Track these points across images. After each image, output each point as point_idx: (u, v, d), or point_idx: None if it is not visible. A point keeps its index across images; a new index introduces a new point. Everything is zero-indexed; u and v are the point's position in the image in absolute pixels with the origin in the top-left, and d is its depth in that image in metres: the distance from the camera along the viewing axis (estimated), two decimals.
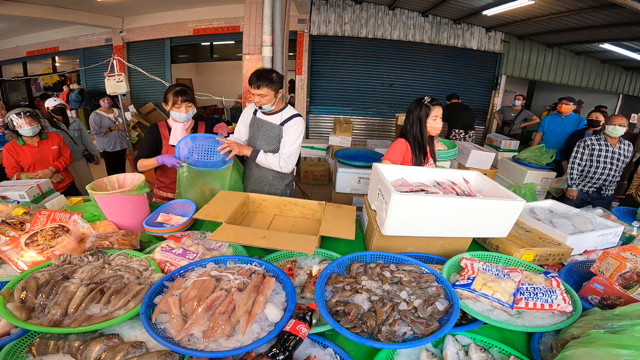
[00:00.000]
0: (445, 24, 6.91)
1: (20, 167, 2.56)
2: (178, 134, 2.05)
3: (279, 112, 2.05)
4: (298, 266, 1.28)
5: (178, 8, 7.04)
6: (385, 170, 1.58)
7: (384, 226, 1.30)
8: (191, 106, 2.02)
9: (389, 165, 1.64)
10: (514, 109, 5.67)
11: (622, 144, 2.98)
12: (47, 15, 6.19)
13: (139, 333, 0.92)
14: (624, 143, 2.99)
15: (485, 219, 1.31)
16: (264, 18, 2.82)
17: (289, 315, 0.92)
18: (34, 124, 2.50)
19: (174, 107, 1.96)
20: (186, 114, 1.99)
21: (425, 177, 1.64)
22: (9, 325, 0.91)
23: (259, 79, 1.86)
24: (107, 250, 1.26)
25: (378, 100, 7.39)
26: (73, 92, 7.32)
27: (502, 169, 4.15)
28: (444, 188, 1.50)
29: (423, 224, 1.30)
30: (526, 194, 2.48)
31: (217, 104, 10.15)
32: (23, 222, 1.41)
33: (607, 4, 4.18)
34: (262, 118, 2.08)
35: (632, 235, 1.74)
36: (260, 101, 1.93)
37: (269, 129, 2.06)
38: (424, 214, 1.26)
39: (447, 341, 0.92)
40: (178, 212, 1.74)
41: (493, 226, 1.34)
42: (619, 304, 1.07)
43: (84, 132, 3.83)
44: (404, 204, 1.23)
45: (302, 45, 6.80)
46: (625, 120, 2.90)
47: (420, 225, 1.30)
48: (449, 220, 1.30)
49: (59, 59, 9.07)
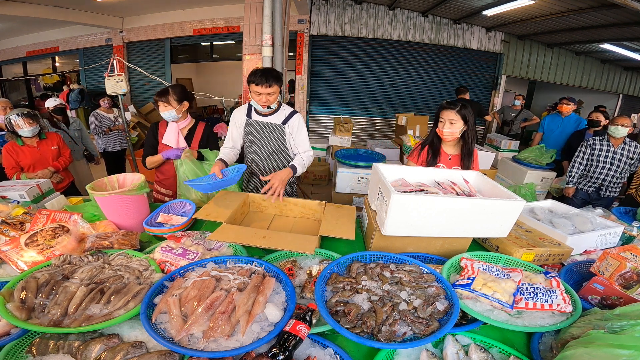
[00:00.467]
0: (445, 24, 6.90)
1: (19, 167, 2.56)
2: (171, 133, 2.13)
3: (277, 111, 2.02)
4: (298, 266, 1.28)
5: (178, 8, 7.04)
6: (385, 170, 1.58)
7: (384, 226, 1.30)
8: (168, 106, 2.02)
9: (388, 165, 1.64)
10: (513, 109, 5.67)
11: (628, 145, 2.91)
12: (47, 15, 6.19)
13: (139, 333, 0.92)
14: (630, 144, 2.91)
15: (485, 219, 1.31)
16: (264, 18, 2.82)
17: (289, 315, 0.92)
18: (32, 125, 2.50)
19: (158, 107, 2.06)
20: (165, 113, 2.03)
21: (426, 177, 1.64)
22: (9, 325, 0.91)
23: (268, 77, 1.80)
24: (107, 250, 1.26)
25: (378, 100, 7.39)
26: (73, 92, 7.32)
27: (502, 169, 4.15)
28: (444, 188, 1.50)
29: (423, 224, 1.29)
30: (526, 194, 2.48)
31: (217, 104, 10.15)
32: (23, 222, 1.41)
33: (607, 4, 4.18)
34: (261, 120, 2.02)
35: (632, 235, 1.74)
36: (269, 100, 1.87)
37: (269, 129, 2.02)
38: (424, 214, 1.26)
39: (447, 341, 0.92)
40: (178, 212, 1.74)
41: (493, 226, 1.33)
42: (619, 304, 1.07)
43: (84, 132, 3.83)
44: (404, 204, 1.23)
45: (302, 45, 6.80)
46: (629, 120, 2.85)
47: (420, 226, 1.30)
48: (449, 220, 1.30)
49: (59, 59, 9.08)
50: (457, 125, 1.82)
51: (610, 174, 2.98)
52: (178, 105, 2.06)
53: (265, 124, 2.02)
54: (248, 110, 2.05)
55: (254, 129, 2.04)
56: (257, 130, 2.03)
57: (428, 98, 7.36)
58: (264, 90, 1.82)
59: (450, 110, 1.81)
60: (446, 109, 1.83)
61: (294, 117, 2.02)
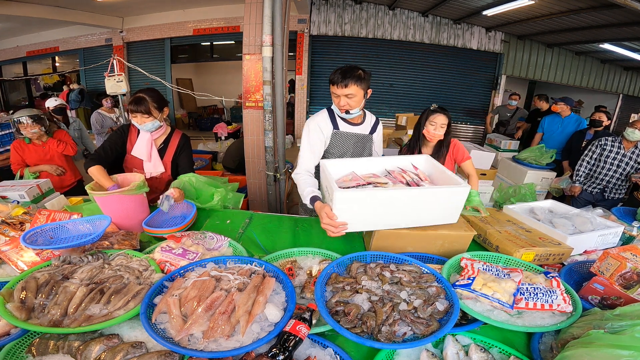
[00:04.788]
0: (445, 24, 6.91)
1: (25, 164, 2.60)
2: (142, 145, 1.83)
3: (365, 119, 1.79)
4: (298, 266, 1.28)
5: (178, 8, 7.05)
6: (332, 166, 1.50)
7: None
8: (149, 117, 1.74)
9: (336, 160, 1.56)
10: (509, 109, 5.63)
11: (639, 150, 2.85)
12: (47, 15, 6.19)
13: (139, 333, 0.92)
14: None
15: (432, 207, 1.30)
16: (264, 18, 2.82)
17: (288, 315, 0.92)
18: (34, 128, 2.51)
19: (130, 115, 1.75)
20: (147, 125, 1.76)
21: (376, 167, 1.58)
22: (9, 325, 0.90)
23: (345, 76, 1.55)
24: (107, 251, 1.26)
25: (378, 100, 7.40)
26: (73, 92, 7.33)
27: (502, 169, 4.14)
28: (394, 177, 1.47)
29: (371, 218, 1.29)
30: (526, 194, 2.47)
31: (217, 104, 10.15)
32: (23, 222, 1.41)
33: (607, 4, 4.18)
34: (351, 131, 1.74)
35: (632, 236, 1.74)
36: (348, 103, 1.60)
37: (361, 141, 1.76)
38: (371, 208, 1.25)
39: (447, 341, 0.92)
40: (178, 213, 1.75)
41: (442, 214, 1.34)
42: (619, 304, 1.07)
43: (84, 132, 3.83)
44: (347, 199, 1.22)
45: (302, 45, 6.81)
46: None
47: (369, 220, 1.29)
48: (396, 211, 1.29)
49: (59, 59, 9.09)
50: (444, 128, 2.03)
51: (616, 177, 2.95)
52: (159, 114, 1.80)
53: (356, 136, 1.76)
54: (332, 118, 1.74)
55: (345, 141, 1.74)
56: (347, 143, 1.74)
57: (428, 98, 7.36)
58: (339, 92, 1.59)
59: (443, 115, 2.01)
60: (440, 113, 2.02)
61: (379, 126, 1.86)
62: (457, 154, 2.13)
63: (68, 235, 1.33)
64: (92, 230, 1.36)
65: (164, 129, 1.93)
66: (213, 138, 6.17)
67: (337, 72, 1.59)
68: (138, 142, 1.83)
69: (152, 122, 1.78)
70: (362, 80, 1.58)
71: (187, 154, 2.01)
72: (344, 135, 1.74)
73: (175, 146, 1.96)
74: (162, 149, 1.93)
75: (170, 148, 1.95)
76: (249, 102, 3.28)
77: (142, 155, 1.85)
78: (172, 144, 1.95)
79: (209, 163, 4.58)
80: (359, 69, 1.59)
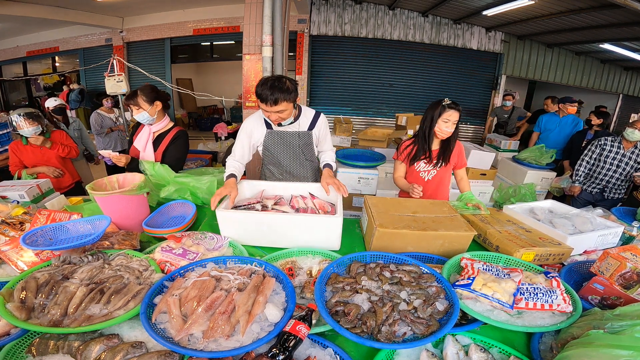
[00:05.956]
0: (445, 24, 6.90)
1: (23, 165, 2.59)
2: (142, 138, 2.08)
3: (299, 118, 1.83)
4: (298, 266, 1.28)
5: (178, 8, 7.04)
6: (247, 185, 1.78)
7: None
8: (139, 109, 1.96)
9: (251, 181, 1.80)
10: (505, 110, 5.62)
11: (638, 150, 2.84)
12: (47, 15, 6.19)
13: (138, 333, 0.92)
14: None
15: (306, 231, 1.42)
16: (264, 18, 2.82)
17: (288, 315, 0.92)
18: (33, 125, 2.50)
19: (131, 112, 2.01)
20: (139, 116, 1.98)
21: (285, 191, 1.79)
22: (9, 325, 0.91)
23: (273, 92, 1.56)
24: (107, 251, 1.26)
25: (378, 100, 7.39)
26: (73, 92, 7.32)
27: (502, 169, 4.14)
28: (291, 203, 1.68)
29: (252, 235, 1.45)
30: (526, 194, 2.47)
31: (217, 104, 10.15)
32: (23, 222, 1.41)
33: (607, 4, 4.18)
34: (286, 130, 1.84)
35: (632, 236, 1.74)
36: (280, 117, 1.66)
37: (297, 138, 1.86)
38: (248, 227, 1.43)
39: (447, 341, 0.92)
40: (178, 213, 1.75)
41: (317, 238, 1.43)
42: (619, 304, 1.07)
43: (84, 132, 3.83)
44: (226, 217, 1.42)
45: (302, 45, 6.80)
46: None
47: (250, 236, 1.45)
48: (276, 231, 1.43)
49: (59, 59, 9.08)
50: (455, 125, 1.92)
51: (615, 177, 2.94)
52: (149, 107, 1.97)
53: (292, 134, 1.84)
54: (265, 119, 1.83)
55: (278, 139, 1.85)
56: (281, 141, 1.85)
57: (428, 98, 7.35)
58: (270, 109, 1.61)
59: (457, 111, 1.88)
60: (454, 110, 1.88)
61: (319, 119, 1.88)
62: (459, 159, 2.09)
63: (68, 236, 1.33)
64: (92, 231, 1.36)
65: (164, 123, 2.10)
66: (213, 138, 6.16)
67: (265, 87, 1.58)
68: (140, 134, 2.08)
69: (143, 114, 1.97)
70: (290, 93, 1.61)
71: (177, 148, 2.12)
72: (279, 134, 1.86)
73: (169, 140, 2.09)
74: (157, 142, 2.10)
75: (165, 141, 2.09)
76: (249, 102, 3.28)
77: (139, 145, 2.06)
78: (167, 137, 2.10)
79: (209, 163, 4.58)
80: (286, 81, 1.62)
